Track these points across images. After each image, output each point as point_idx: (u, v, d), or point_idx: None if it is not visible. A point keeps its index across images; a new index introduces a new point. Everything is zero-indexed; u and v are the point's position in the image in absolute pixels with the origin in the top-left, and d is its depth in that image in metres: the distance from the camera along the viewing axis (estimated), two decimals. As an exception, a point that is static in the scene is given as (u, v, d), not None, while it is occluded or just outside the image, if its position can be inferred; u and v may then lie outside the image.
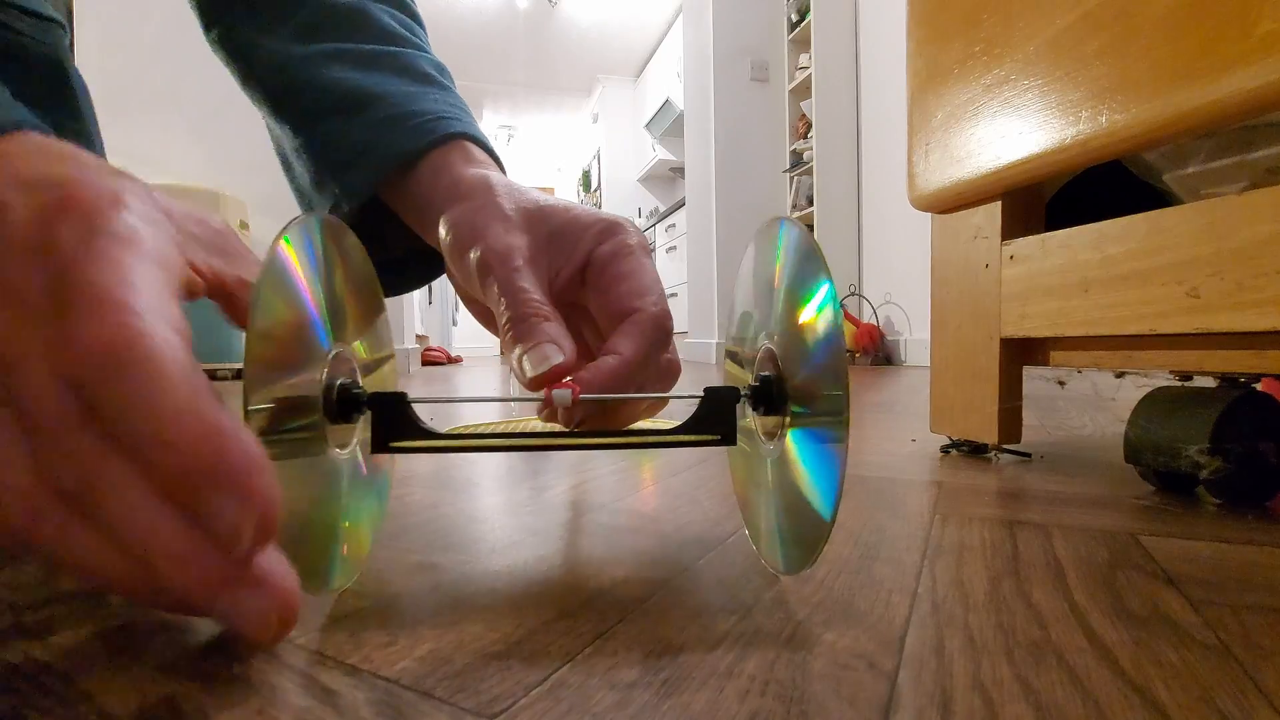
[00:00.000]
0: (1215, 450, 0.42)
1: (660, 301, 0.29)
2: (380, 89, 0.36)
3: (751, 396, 0.27)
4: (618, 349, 0.27)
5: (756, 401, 0.27)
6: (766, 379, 0.27)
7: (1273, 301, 0.36)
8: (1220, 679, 0.21)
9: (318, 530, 0.25)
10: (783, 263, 0.27)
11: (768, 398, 0.27)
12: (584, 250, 0.31)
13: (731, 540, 0.35)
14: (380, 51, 0.38)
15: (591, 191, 6.47)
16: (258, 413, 0.20)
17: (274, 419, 0.21)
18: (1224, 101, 0.36)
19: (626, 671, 0.21)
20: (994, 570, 0.31)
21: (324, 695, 0.19)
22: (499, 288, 0.27)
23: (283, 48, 0.38)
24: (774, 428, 0.27)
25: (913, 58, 0.62)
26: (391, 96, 0.36)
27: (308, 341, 0.24)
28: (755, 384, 0.28)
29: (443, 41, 5.55)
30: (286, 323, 0.22)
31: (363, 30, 0.39)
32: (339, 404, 0.25)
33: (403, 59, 0.38)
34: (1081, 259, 0.48)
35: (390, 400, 0.26)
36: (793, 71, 3.31)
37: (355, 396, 0.25)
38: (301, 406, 0.23)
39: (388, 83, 0.37)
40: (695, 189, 3.65)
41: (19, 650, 0.22)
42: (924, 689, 0.20)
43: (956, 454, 0.61)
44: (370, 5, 0.40)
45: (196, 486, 0.17)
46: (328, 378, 0.24)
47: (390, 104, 0.35)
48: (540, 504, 0.44)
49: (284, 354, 0.22)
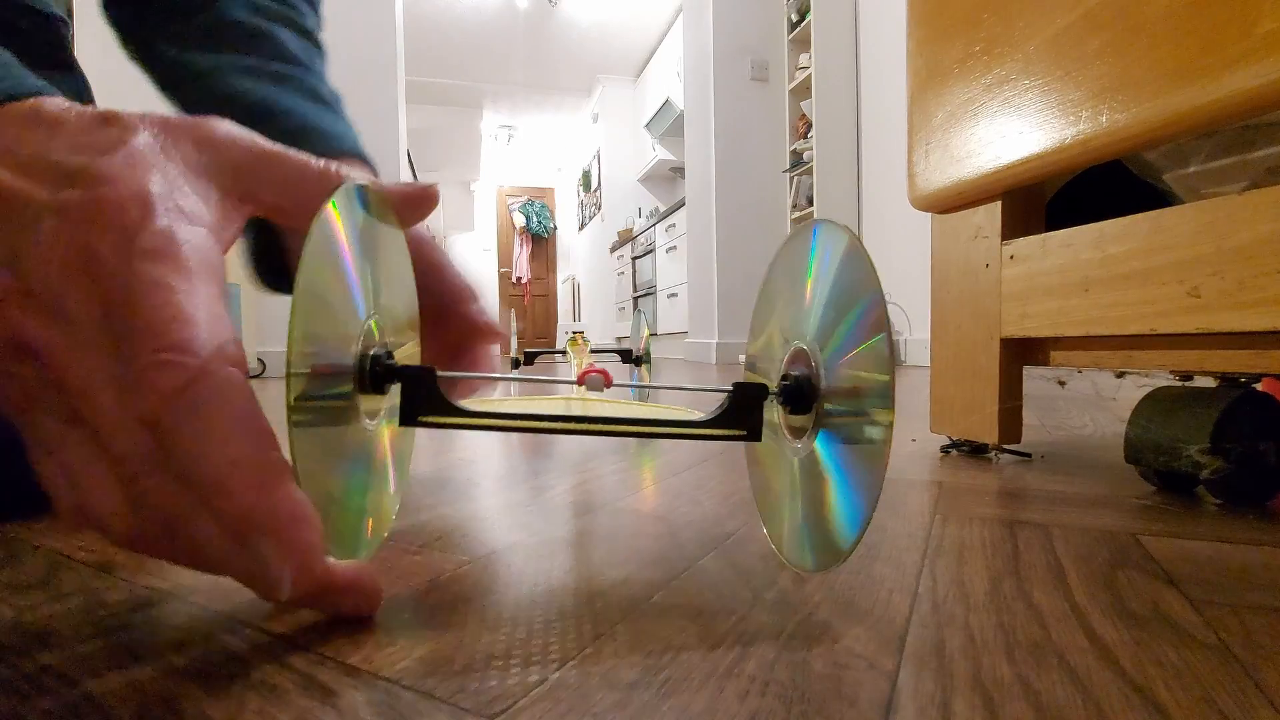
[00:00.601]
0: (1215, 450, 0.42)
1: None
2: (283, 103, 0.40)
3: (780, 394, 0.28)
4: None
5: (786, 399, 0.28)
6: (797, 378, 0.28)
7: (1273, 301, 0.36)
8: (1221, 679, 0.21)
9: (349, 499, 0.25)
10: (819, 264, 0.27)
11: (798, 396, 0.27)
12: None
13: (731, 540, 0.35)
14: (285, 72, 0.42)
15: (591, 191, 6.48)
16: (298, 378, 0.20)
17: (312, 385, 0.21)
18: (1224, 101, 0.36)
19: (626, 671, 0.21)
20: (994, 570, 0.31)
21: (324, 695, 0.19)
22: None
23: (193, 58, 0.41)
24: (803, 426, 0.28)
25: (913, 57, 0.62)
26: (294, 112, 0.40)
27: (348, 311, 0.24)
28: (786, 382, 0.28)
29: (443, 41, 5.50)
30: (330, 290, 0.22)
31: (270, 51, 0.43)
32: (371, 375, 0.25)
33: (306, 81, 0.43)
34: (1082, 259, 0.48)
35: (421, 374, 0.26)
36: (793, 71, 3.31)
37: (388, 368, 0.25)
38: (337, 375, 0.23)
39: (290, 99, 0.40)
40: (695, 189, 3.65)
41: (19, 650, 0.22)
42: (924, 689, 0.20)
43: (957, 454, 0.61)
44: (275, 27, 0.44)
45: (247, 533, 0.19)
46: (362, 347, 0.25)
47: (294, 118, 0.39)
48: (540, 504, 0.44)
49: (326, 323, 0.22)
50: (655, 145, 5.33)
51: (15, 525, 0.39)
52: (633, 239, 5.40)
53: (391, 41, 2.60)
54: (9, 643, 0.23)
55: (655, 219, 4.80)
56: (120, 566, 0.31)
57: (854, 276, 0.25)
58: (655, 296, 4.80)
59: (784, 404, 0.28)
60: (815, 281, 0.27)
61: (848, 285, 0.25)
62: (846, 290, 0.25)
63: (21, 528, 0.38)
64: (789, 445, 0.29)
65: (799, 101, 3.29)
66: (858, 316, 0.25)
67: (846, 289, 0.25)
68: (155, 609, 0.26)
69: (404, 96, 2.72)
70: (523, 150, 7.27)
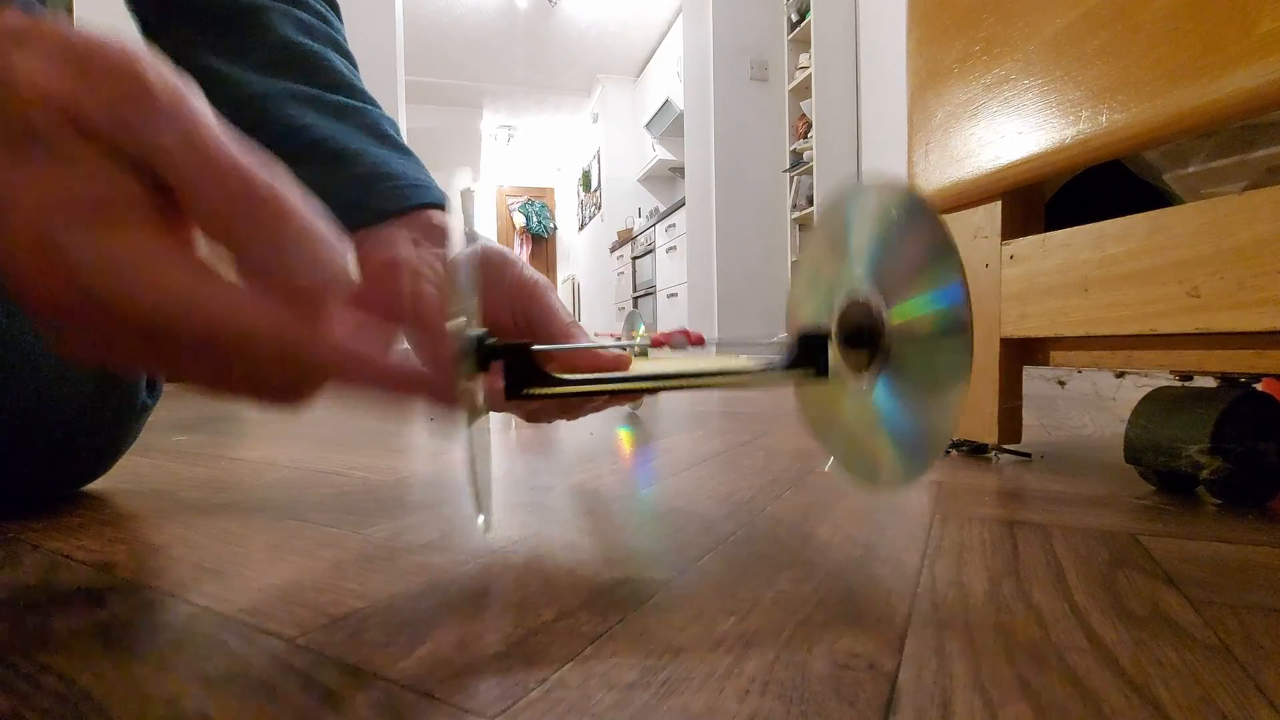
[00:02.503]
0: (1215, 450, 0.42)
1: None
2: (353, 145, 0.37)
3: (839, 337, 0.31)
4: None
5: (846, 340, 0.30)
6: (856, 322, 0.30)
7: (1273, 301, 0.36)
8: (1220, 679, 0.21)
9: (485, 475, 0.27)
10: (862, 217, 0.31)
11: (859, 336, 0.30)
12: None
13: (731, 540, 0.35)
14: (347, 105, 0.39)
15: (591, 191, 6.47)
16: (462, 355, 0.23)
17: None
18: (1224, 101, 0.36)
19: (626, 671, 0.21)
20: (994, 570, 0.31)
21: (324, 695, 0.19)
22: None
23: (244, 77, 0.37)
24: (865, 363, 0.30)
25: (913, 57, 0.62)
26: (364, 155, 0.37)
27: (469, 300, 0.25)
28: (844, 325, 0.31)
29: (443, 41, 5.50)
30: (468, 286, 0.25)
31: (326, 78, 0.39)
32: (479, 354, 0.26)
33: (368, 116, 0.39)
34: (1081, 259, 0.48)
35: (520, 350, 0.27)
36: (793, 71, 3.31)
37: (491, 347, 0.26)
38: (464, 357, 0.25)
39: (357, 139, 0.38)
40: (695, 189, 3.65)
41: (19, 650, 0.22)
42: (924, 689, 0.20)
43: (956, 454, 0.61)
44: (329, 51, 0.40)
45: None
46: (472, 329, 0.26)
47: (365, 162, 0.37)
48: (540, 504, 0.44)
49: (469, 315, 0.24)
50: (655, 145, 5.33)
51: (15, 525, 0.39)
52: (633, 239, 5.40)
53: (391, 41, 2.59)
54: (9, 643, 0.23)
55: (655, 219, 4.79)
56: (120, 566, 0.31)
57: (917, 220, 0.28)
58: (655, 296, 4.80)
59: (845, 343, 0.31)
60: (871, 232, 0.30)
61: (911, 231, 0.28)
62: (910, 235, 0.28)
63: (21, 528, 0.38)
64: (853, 382, 0.31)
65: (799, 101, 3.28)
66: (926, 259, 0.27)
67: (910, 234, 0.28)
68: (155, 609, 0.26)
69: (404, 96, 2.72)
70: (523, 150, 7.26)
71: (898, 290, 0.29)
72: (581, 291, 7.19)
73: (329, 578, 0.30)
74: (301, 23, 0.40)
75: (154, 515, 0.42)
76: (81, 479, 0.47)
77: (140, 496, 0.48)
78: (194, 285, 0.18)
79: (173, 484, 0.52)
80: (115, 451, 0.48)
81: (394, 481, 0.52)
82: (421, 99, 5.62)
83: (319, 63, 0.39)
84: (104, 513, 0.43)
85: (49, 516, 0.41)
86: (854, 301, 0.31)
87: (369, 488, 0.49)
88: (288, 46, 0.38)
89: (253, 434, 0.85)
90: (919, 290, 0.28)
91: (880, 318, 0.29)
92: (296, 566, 0.31)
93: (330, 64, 0.39)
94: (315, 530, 0.38)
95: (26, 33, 0.17)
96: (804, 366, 0.30)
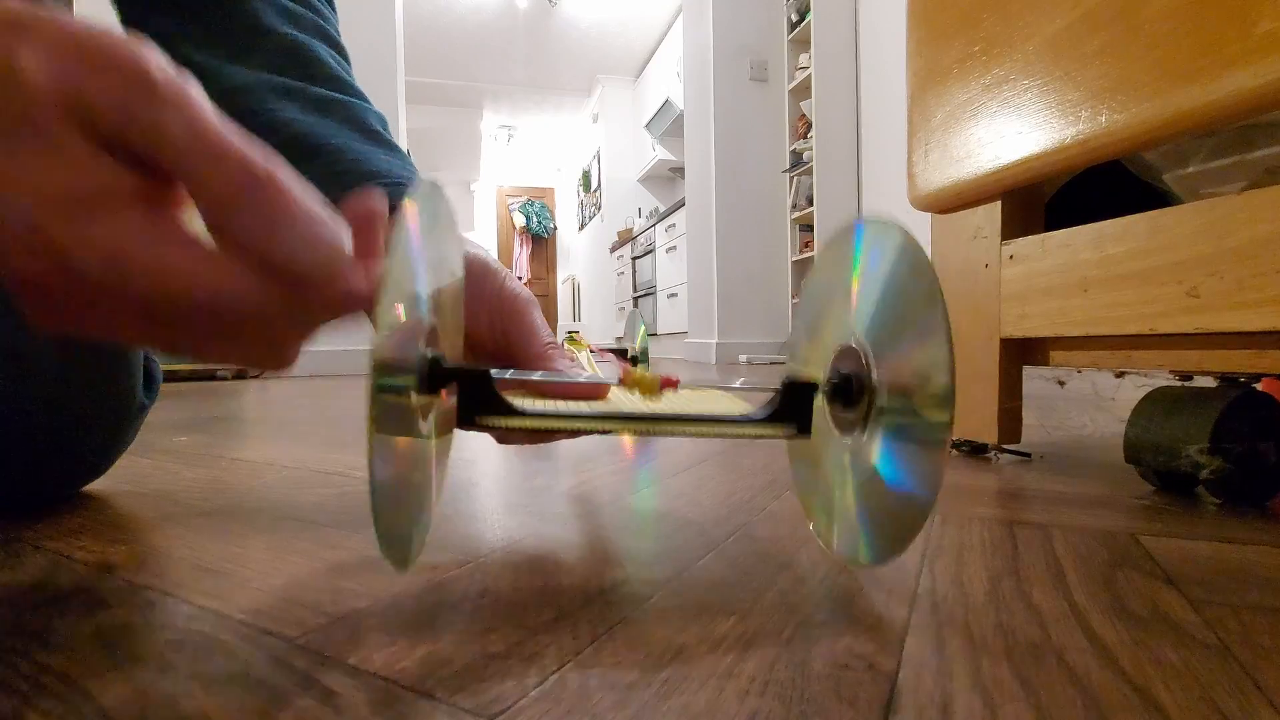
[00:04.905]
0: (1215, 450, 0.42)
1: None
2: (334, 140, 0.36)
3: (829, 391, 0.28)
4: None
5: (835, 394, 0.28)
6: (847, 375, 0.28)
7: (1273, 301, 0.36)
8: (1220, 679, 0.21)
9: (411, 501, 0.24)
10: (866, 263, 0.28)
11: (847, 392, 0.28)
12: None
13: (731, 540, 0.35)
14: (330, 98, 0.37)
15: (591, 191, 6.47)
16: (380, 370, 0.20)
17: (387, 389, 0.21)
18: (1224, 101, 0.36)
19: (626, 672, 0.21)
20: (994, 570, 0.31)
21: (324, 695, 0.19)
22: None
23: (223, 69, 0.36)
24: (855, 421, 0.28)
25: (913, 57, 0.62)
26: (345, 151, 0.36)
27: (417, 311, 0.23)
28: (835, 380, 0.28)
29: (443, 41, 5.50)
30: (407, 293, 0.22)
31: (310, 70, 0.38)
32: (429, 376, 0.24)
33: (352, 110, 0.38)
34: (1081, 259, 0.48)
35: (477, 375, 0.26)
36: (793, 71, 3.31)
37: (446, 370, 0.25)
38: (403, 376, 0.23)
39: (340, 134, 0.36)
40: (695, 189, 3.65)
41: (19, 650, 0.22)
42: (924, 689, 0.20)
43: (956, 454, 0.61)
44: (314, 42, 0.39)
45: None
46: (423, 348, 0.24)
47: (345, 159, 0.35)
48: (540, 504, 0.44)
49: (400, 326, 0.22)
50: (655, 145, 5.33)
51: (15, 525, 0.39)
52: (632, 239, 5.40)
53: (391, 41, 2.60)
54: (9, 643, 0.23)
55: (655, 219, 4.80)
56: (120, 567, 0.31)
57: (908, 274, 0.25)
58: (655, 296, 4.80)
59: (833, 399, 0.28)
60: (864, 280, 0.28)
61: (902, 283, 0.26)
62: (901, 288, 0.26)
63: (21, 528, 0.38)
64: (838, 440, 0.29)
65: (799, 101, 3.29)
66: (914, 314, 0.25)
67: (901, 287, 0.26)
68: (155, 609, 0.26)
69: (404, 96, 2.72)
70: (523, 150, 7.27)
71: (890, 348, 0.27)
72: (581, 291, 7.19)
73: (329, 578, 0.30)
74: (287, 11, 0.39)
75: (154, 516, 0.42)
76: (81, 479, 0.47)
77: (140, 497, 0.48)
78: (191, 262, 0.18)
79: (173, 484, 0.52)
80: (114, 451, 0.48)
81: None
82: (421, 99, 5.62)
83: (304, 54, 0.38)
84: (104, 513, 0.43)
85: (49, 517, 0.41)
86: (848, 349, 0.28)
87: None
88: (271, 36, 0.37)
89: (253, 434, 0.85)
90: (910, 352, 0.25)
91: (872, 375, 0.27)
92: (297, 566, 0.31)
93: (316, 55, 0.38)
94: (315, 530, 0.38)
95: (29, 23, 0.17)
96: (785, 422, 0.27)
